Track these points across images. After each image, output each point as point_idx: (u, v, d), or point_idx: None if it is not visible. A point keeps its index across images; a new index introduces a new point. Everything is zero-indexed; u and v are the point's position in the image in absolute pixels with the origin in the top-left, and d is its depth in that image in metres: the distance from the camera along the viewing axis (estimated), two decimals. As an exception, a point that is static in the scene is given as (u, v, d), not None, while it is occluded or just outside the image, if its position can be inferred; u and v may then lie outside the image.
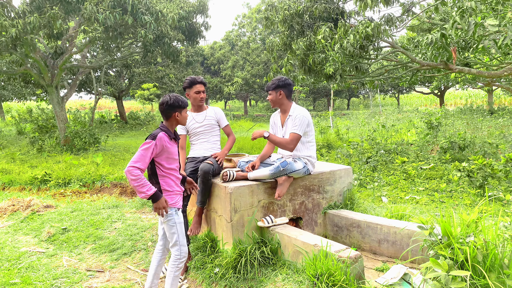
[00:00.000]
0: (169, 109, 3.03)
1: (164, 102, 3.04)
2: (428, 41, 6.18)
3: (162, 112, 3.06)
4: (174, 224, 3.01)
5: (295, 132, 3.63)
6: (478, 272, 2.18)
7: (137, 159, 2.81)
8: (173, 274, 3.05)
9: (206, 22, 15.05)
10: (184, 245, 3.06)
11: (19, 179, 8.75)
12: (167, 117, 3.06)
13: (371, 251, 3.61)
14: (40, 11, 10.38)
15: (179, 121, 3.11)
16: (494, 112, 20.00)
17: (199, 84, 4.05)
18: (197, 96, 4.05)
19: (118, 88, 23.23)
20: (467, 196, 6.17)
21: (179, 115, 3.08)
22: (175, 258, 3.04)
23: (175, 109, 3.04)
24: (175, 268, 3.05)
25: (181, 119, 3.10)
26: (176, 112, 3.05)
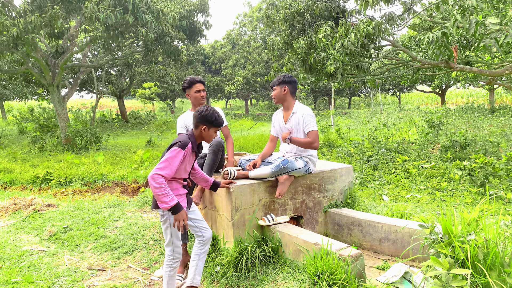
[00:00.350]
0: (200, 119, 2.95)
1: (200, 111, 2.96)
2: (429, 40, 6.17)
3: (194, 118, 3.00)
4: (169, 225, 2.94)
5: (313, 129, 3.67)
6: (479, 271, 2.18)
7: (164, 166, 2.71)
8: (168, 274, 3.03)
9: (207, 21, 15.06)
10: (177, 246, 3.01)
11: (21, 178, 8.77)
12: (196, 126, 2.99)
13: (372, 250, 3.61)
14: (41, 10, 10.39)
15: (203, 136, 3.00)
16: (495, 110, 19.97)
17: (198, 83, 4.07)
18: (197, 95, 4.07)
19: (119, 87, 23.25)
20: (468, 195, 6.17)
21: (206, 130, 2.96)
22: (168, 259, 3.01)
23: (204, 123, 2.95)
24: (169, 268, 3.03)
25: (206, 135, 2.99)
26: (205, 126, 2.95)
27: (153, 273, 3.96)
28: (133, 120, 23.99)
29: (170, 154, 2.76)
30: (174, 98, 36.00)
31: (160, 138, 15.68)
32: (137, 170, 9.11)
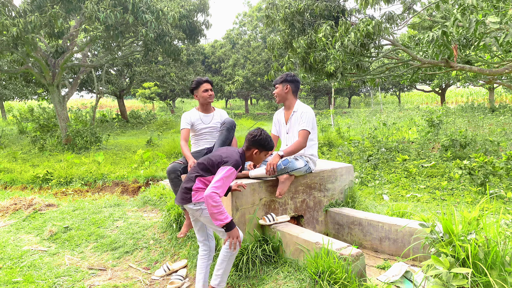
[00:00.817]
0: (254, 143, 3.01)
1: (254, 135, 3.02)
2: (429, 39, 6.17)
3: (247, 141, 3.05)
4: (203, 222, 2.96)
5: (304, 128, 3.65)
6: (479, 270, 2.18)
7: (220, 185, 2.75)
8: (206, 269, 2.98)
9: (207, 20, 15.05)
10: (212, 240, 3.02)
11: (21, 178, 8.78)
12: (248, 148, 3.05)
13: (372, 249, 3.61)
14: (41, 10, 10.39)
15: (253, 158, 3.08)
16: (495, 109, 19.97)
17: (206, 83, 4.10)
18: (205, 94, 4.08)
19: (119, 87, 23.25)
20: (468, 194, 6.17)
21: (257, 154, 3.05)
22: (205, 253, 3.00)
23: (257, 146, 3.02)
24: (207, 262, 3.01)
25: (256, 158, 3.08)
26: (257, 150, 3.03)
27: (153, 272, 3.96)
28: (133, 120, 23.99)
29: (225, 174, 2.78)
30: (174, 98, 35.99)
31: (160, 137, 15.68)
32: (137, 169, 9.11)
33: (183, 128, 4.07)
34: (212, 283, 2.93)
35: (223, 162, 2.85)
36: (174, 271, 3.86)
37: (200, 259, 3.12)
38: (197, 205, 2.91)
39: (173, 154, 11.07)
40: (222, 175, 2.77)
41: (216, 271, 2.91)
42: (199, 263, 3.13)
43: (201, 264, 3.11)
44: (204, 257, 3.11)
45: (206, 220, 2.94)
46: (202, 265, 3.10)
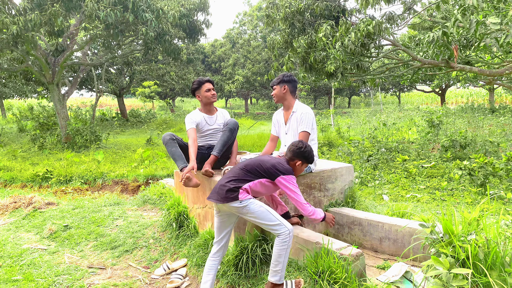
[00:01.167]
0: (298, 155, 3.10)
1: (299, 147, 3.11)
2: (429, 39, 6.17)
3: (291, 152, 3.12)
4: (261, 206, 2.87)
5: (304, 130, 3.66)
6: (479, 270, 2.18)
7: (300, 196, 2.96)
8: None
9: (207, 19, 15.04)
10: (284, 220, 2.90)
11: (21, 177, 8.78)
12: (291, 159, 3.12)
13: (372, 249, 3.61)
14: (41, 8, 10.38)
15: (296, 169, 3.15)
16: (495, 110, 19.98)
17: (207, 82, 4.08)
18: (208, 94, 4.05)
19: (119, 85, 23.24)
20: (468, 195, 6.18)
21: (299, 165, 3.12)
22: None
23: (301, 158, 3.10)
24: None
25: (298, 169, 3.15)
26: (300, 162, 3.11)
27: (153, 271, 3.96)
28: (133, 119, 23.99)
29: (294, 183, 2.98)
30: (174, 97, 35.98)
31: (160, 136, 15.68)
32: (137, 168, 9.11)
33: (190, 128, 3.97)
34: (272, 280, 2.85)
35: (281, 172, 2.95)
36: (173, 270, 3.86)
37: (212, 260, 3.08)
38: (243, 202, 2.85)
39: (173, 153, 11.05)
40: (293, 186, 2.95)
41: (274, 266, 2.83)
42: (210, 263, 3.07)
43: (211, 264, 3.06)
44: (217, 258, 3.08)
45: (253, 216, 2.88)
46: (213, 266, 3.06)
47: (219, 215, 3.04)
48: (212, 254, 3.10)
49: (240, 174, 2.98)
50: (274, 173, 2.95)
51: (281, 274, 2.84)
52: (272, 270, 2.85)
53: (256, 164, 3.01)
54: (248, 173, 2.98)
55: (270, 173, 2.96)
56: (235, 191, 2.87)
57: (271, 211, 2.90)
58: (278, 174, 2.94)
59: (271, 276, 2.85)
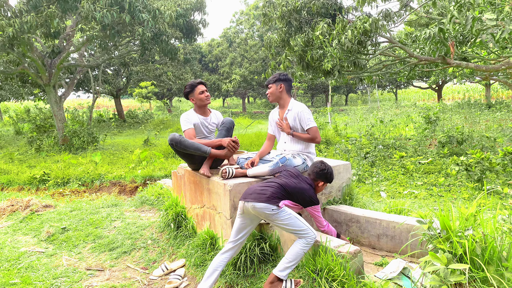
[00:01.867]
0: (320, 176, 3.28)
1: (322, 169, 3.29)
2: (426, 36, 6.17)
3: (314, 174, 3.31)
4: (290, 214, 2.94)
5: (312, 125, 3.69)
6: (476, 265, 2.19)
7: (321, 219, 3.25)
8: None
9: (204, 19, 15.03)
10: (309, 225, 2.97)
11: (18, 179, 8.75)
12: (314, 180, 3.31)
13: (370, 246, 3.61)
14: (37, 10, 10.34)
15: (317, 188, 3.32)
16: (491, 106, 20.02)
17: (200, 85, 4.06)
18: (202, 96, 4.04)
19: (116, 86, 23.19)
20: (465, 190, 6.19)
21: (321, 185, 3.32)
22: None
23: (323, 179, 3.30)
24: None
25: (319, 189, 3.33)
26: (322, 182, 3.31)
27: (151, 272, 3.95)
28: (130, 120, 23.94)
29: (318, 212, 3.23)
30: (171, 97, 35.93)
31: (157, 137, 15.66)
32: (134, 169, 9.10)
33: (188, 128, 3.95)
34: (279, 274, 2.87)
35: (313, 203, 3.17)
36: (172, 270, 3.86)
37: (222, 256, 3.09)
38: (275, 210, 2.91)
39: (170, 153, 11.06)
40: (317, 213, 3.22)
41: (288, 263, 2.87)
42: (220, 258, 3.08)
43: (221, 260, 3.08)
44: (227, 255, 3.10)
45: (283, 224, 2.93)
46: (222, 261, 3.07)
47: (242, 216, 3.07)
48: (223, 251, 3.11)
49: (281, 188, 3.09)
50: (308, 204, 3.18)
51: (288, 271, 2.89)
52: (284, 264, 2.88)
53: (298, 190, 3.14)
54: (285, 192, 3.09)
55: (305, 202, 3.17)
56: (274, 196, 2.98)
57: (299, 218, 2.97)
58: (311, 205, 3.18)
59: (279, 270, 2.87)
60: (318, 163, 3.34)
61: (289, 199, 3.10)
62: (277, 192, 3.02)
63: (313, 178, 3.31)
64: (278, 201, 2.96)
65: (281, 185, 3.10)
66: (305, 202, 3.16)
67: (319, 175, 3.28)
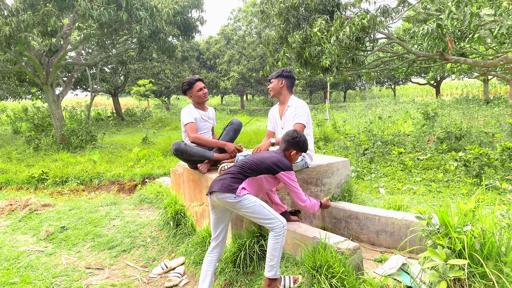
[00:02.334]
0: (293, 144, 3.14)
1: (294, 136, 3.15)
2: (424, 32, 6.16)
3: (286, 142, 3.16)
4: (255, 202, 2.88)
5: (299, 122, 3.65)
6: (475, 261, 2.19)
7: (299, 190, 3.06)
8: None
9: (201, 16, 14.98)
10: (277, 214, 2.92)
11: (16, 179, 8.73)
12: (286, 149, 3.17)
13: (369, 242, 3.62)
14: (34, 8, 10.29)
15: (291, 158, 3.18)
16: (490, 101, 20.05)
17: (198, 81, 4.04)
18: (200, 93, 4.02)
19: (114, 85, 23.12)
20: (464, 186, 6.20)
21: (294, 154, 3.17)
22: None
23: (296, 148, 3.15)
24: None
25: (292, 158, 3.18)
26: (295, 151, 3.16)
27: (151, 270, 3.96)
28: (128, 118, 23.90)
29: (293, 178, 3.05)
30: (169, 95, 35.87)
31: (156, 135, 15.64)
32: (133, 168, 9.09)
33: (190, 122, 3.91)
34: (269, 275, 2.87)
35: (281, 169, 3.01)
36: (171, 268, 3.86)
37: (210, 257, 3.07)
38: (237, 198, 2.86)
39: (169, 151, 11.04)
40: (292, 181, 3.03)
41: (270, 261, 2.86)
42: (209, 259, 3.07)
43: (210, 260, 3.06)
44: (215, 255, 3.08)
45: (248, 212, 2.89)
46: (211, 261, 3.06)
47: (214, 211, 3.05)
48: (209, 251, 3.09)
49: (240, 170, 3.01)
50: (275, 170, 3.02)
51: (276, 269, 2.87)
52: (268, 265, 2.87)
53: (257, 162, 3.04)
54: (249, 170, 3.01)
55: (271, 170, 3.02)
56: (233, 185, 2.89)
57: (265, 206, 2.91)
58: (279, 171, 3.01)
59: (267, 271, 2.87)
60: (290, 131, 3.21)
61: (257, 174, 3.00)
62: (237, 177, 2.95)
63: (284, 148, 3.18)
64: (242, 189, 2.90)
65: (240, 167, 3.02)
66: (270, 170, 3.01)
67: (291, 144, 3.15)
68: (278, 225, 2.85)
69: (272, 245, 2.85)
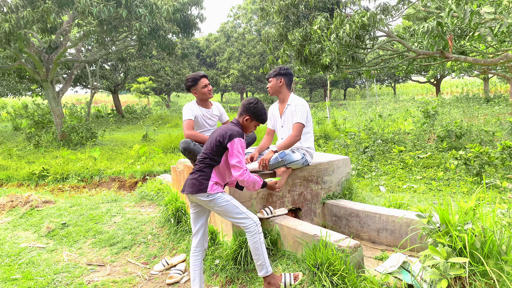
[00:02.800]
0: (247, 109, 3.02)
1: (250, 102, 3.04)
2: (424, 30, 6.16)
3: (242, 106, 3.05)
4: (228, 201, 2.88)
5: (298, 121, 3.64)
6: (476, 259, 2.20)
7: (240, 160, 2.81)
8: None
9: (201, 13, 14.94)
10: (250, 212, 2.92)
11: (17, 175, 8.74)
12: (240, 114, 3.06)
13: (370, 240, 3.63)
14: (33, 5, 10.27)
15: (244, 126, 3.05)
16: (490, 100, 20.05)
17: (203, 78, 4.04)
18: (205, 90, 4.03)
19: (114, 82, 23.10)
20: (464, 184, 6.22)
21: (247, 121, 3.04)
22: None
23: (250, 114, 3.03)
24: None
25: (246, 125, 3.06)
26: (248, 117, 3.03)
27: (152, 267, 3.97)
28: (129, 115, 23.88)
29: (236, 147, 2.82)
30: (169, 92, 35.84)
31: (156, 132, 15.63)
32: (133, 165, 9.10)
33: (188, 119, 3.92)
34: (261, 274, 2.89)
35: (230, 138, 2.86)
36: (173, 265, 3.87)
37: (194, 256, 3.07)
38: (210, 196, 2.86)
39: (169, 148, 11.05)
40: (235, 150, 2.83)
41: (257, 261, 2.88)
42: (193, 260, 3.06)
43: (194, 261, 3.06)
44: (198, 253, 3.07)
45: (221, 209, 2.89)
46: (196, 261, 3.06)
47: (193, 206, 3.06)
48: (192, 251, 3.08)
49: (205, 164, 2.94)
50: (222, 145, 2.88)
51: (266, 266, 2.90)
52: (257, 265, 2.92)
53: (210, 146, 2.95)
54: (209, 159, 2.93)
55: (220, 147, 2.89)
56: (203, 183, 2.87)
57: (238, 205, 2.91)
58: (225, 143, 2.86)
59: (259, 272, 2.92)
60: (249, 98, 3.09)
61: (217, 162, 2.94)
62: (204, 173, 2.90)
63: (240, 113, 3.05)
64: (214, 184, 2.88)
65: (202, 160, 2.95)
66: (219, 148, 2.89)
67: (247, 109, 3.02)
68: (251, 224, 2.87)
69: (252, 245, 2.89)
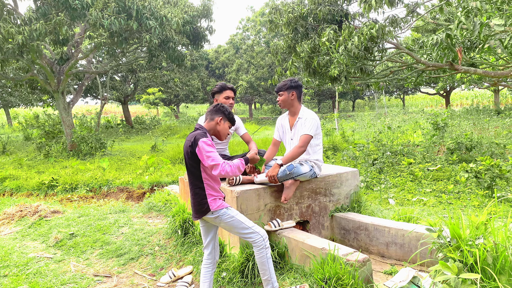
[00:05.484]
0: (216, 111, 3.04)
1: (215, 105, 3.09)
2: (433, 42, 6.14)
3: (208, 112, 3.08)
4: (233, 217, 2.89)
5: (306, 133, 3.64)
6: (488, 275, 2.16)
7: (214, 157, 2.76)
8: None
9: (211, 26, 15.11)
10: (256, 226, 2.92)
11: (27, 185, 8.81)
12: (211, 119, 3.05)
13: (379, 254, 3.58)
14: (46, 17, 10.48)
15: (218, 128, 3.05)
16: (500, 112, 19.83)
17: (229, 90, 4.07)
18: (226, 101, 4.06)
19: (124, 93, 23.35)
20: (475, 198, 6.12)
21: (221, 122, 3.05)
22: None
23: (220, 114, 3.04)
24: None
25: (221, 128, 3.06)
26: (220, 117, 3.04)
27: (159, 279, 3.95)
28: (138, 126, 24.07)
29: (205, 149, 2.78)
30: (178, 103, 36.12)
31: (165, 143, 15.71)
32: (142, 175, 9.13)
33: None
34: None
35: (195, 142, 2.83)
36: (179, 277, 3.85)
37: (205, 267, 3.08)
38: (215, 213, 2.89)
39: (177, 159, 11.08)
40: (203, 151, 2.79)
41: (263, 276, 2.89)
42: (204, 271, 3.09)
43: (205, 272, 3.07)
44: (209, 265, 3.08)
45: (228, 225, 2.91)
46: (207, 273, 3.06)
47: (201, 220, 3.09)
48: (204, 263, 3.10)
49: (195, 183, 2.94)
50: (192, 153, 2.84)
51: (272, 281, 2.89)
52: (263, 280, 2.91)
53: (188, 164, 2.93)
54: (193, 176, 2.92)
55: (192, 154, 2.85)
56: (203, 204, 2.89)
57: (243, 220, 2.91)
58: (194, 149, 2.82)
59: (265, 287, 2.90)
60: (213, 104, 3.17)
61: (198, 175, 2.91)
62: (199, 193, 2.90)
63: (210, 118, 3.05)
64: (214, 200, 2.89)
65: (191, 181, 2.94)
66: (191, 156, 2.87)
67: (216, 109, 3.05)
68: (258, 238, 2.87)
69: (259, 260, 2.88)
